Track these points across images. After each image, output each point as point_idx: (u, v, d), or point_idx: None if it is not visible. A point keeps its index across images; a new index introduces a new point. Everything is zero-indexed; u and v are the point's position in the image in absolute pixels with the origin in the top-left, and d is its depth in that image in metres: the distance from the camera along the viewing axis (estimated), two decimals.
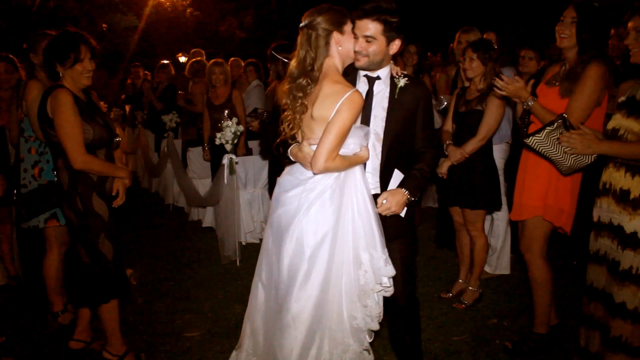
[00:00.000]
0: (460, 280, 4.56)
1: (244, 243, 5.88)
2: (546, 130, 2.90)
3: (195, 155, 6.89)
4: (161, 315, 4.31)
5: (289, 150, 2.72)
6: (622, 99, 2.89)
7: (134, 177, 4.14)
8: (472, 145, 4.08)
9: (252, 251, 5.81)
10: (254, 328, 2.85)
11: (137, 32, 16.06)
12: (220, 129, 5.34)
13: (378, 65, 2.81)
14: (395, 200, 2.73)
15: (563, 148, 2.85)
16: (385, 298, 2.80)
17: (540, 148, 2.96)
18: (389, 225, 2.77)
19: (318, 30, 2.59)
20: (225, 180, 5.38)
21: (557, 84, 3.35)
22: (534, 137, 2.94)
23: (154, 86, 8.86)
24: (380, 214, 2.71)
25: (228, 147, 5.33)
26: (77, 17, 13.75)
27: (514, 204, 3.62)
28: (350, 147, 2.63)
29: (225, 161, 5.35)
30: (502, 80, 3.17)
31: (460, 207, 4.31)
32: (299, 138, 2.71)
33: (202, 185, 6.75)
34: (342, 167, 2.60)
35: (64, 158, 3.25)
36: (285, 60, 4.66)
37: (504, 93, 3.22)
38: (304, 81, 2.62)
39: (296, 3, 18.88)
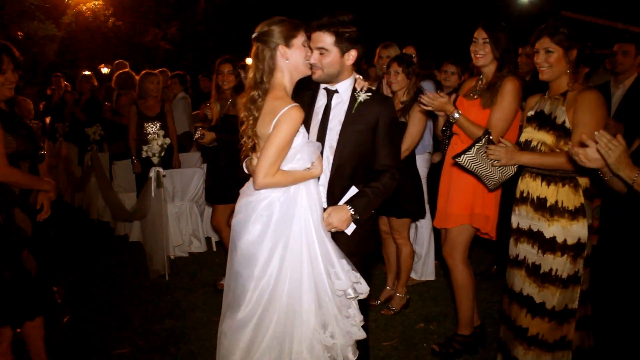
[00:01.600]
0: (387, 287, 4.70)
1: (172, 257, 5.81)
2: (476, 147, 3.06)
3: (121, 168, 6.74)
4: (89, 333, 4.19)
5: (244, 162, 2.77)
6: (530, 113, 3.14)
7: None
8: None
9: (180, 265, 5.76)
10: None
11: (56, 41, 15.46)
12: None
13: (335, 78, 2.78)
14: (338, 217, 2.67)
15: (490, 161, 3.03)
16: None
17: (472, 165, 3.10)
18: (340, 242, 2.73)
19: (265, 43, 2.61)
20: (153, 194, 5.30)
21: (475, 97, 3.56)
22: (466, 155, 3.07)
23: (76, 97, 8.59)
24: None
25: (155, 160, 5.26)
26: None
27: (437, 212, 3.79)
28: (300, 162, 2.63)
29: (152, 174, 5.28)
30: (427, 96, 3.34)
31: (386, 216, 4.45)
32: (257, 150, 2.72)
33: (128, 199, 6.61)
34: (286, 182, 2.60)
35: None
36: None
37: (429, 108, 3.38)
38: (256, 94, 2.63)
39: (221, 16, 18.83)
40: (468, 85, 3.77)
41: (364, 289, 2.67)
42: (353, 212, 2.70)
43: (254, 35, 2.65)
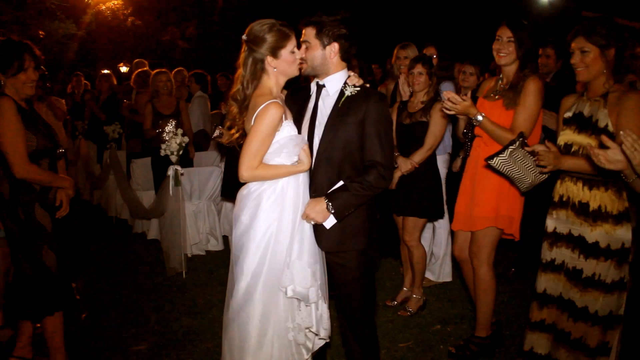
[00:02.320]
0: (404, 289, 4.67)
1: (189, 255, 5.83)
2: (509, 149, 2.97)
3: (139, 166, 6.78)
4: (106, 329, 4.23)
5: None
6: (568, 114, 3.03)
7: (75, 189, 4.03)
8: (420, 156, 4.22)
9: (198, 263, 5.78)
10: None
11: (76, 40, 15.64)
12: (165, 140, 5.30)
13: (322, 72, 2.82)
14: (314, 209, 2.70)
15: (524, 165, 2.97)
16: (340, 314, 2.94)
17: (504, 167, 3.02)
18: (323, 236, 2.78)
19: (252, 51, 2.70)
20: (171, 192, 5.34)
21: (497, 97, 3.51)
22: (499, 158, 2.99)
23: (95, 95, 8.67)
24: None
25: (173, 158, 5.29)
26: (8, 23, 13.28)
27: (459, 214, 3.73)
28: (287, 157, 2.71)
29: (170, 172, 5.31)
30: (449, 101, 3.30)
31: (405, 216, 4.42)
32: None
33: (146, 197, 6.66)
34: (270, 176, 2.69)
35: (5, 167, 3.19)
36: None
37: (452, 112, 3.34)
38: (239, 96, 2.75)
39: (239, 15, 18.90)
40: (487, 86, 3.72)
41: (312, 298, 2.68)
42: (328, 205, 2.70)
43: (244, 38, 2.73)
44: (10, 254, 3.75)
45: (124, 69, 15.09)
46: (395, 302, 4.61)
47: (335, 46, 2.77)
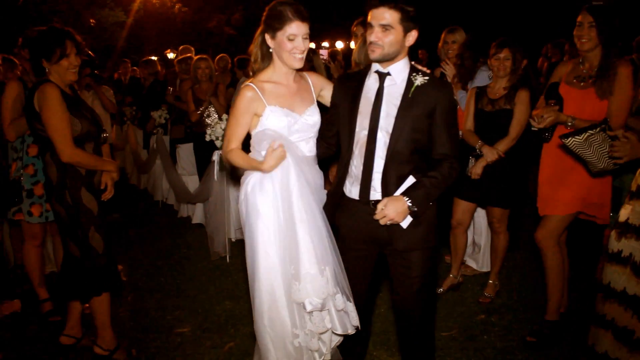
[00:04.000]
0: (451, 276, 4.59)
1: (233, 239, 5.87)
2: (587, 133, 2.88)
3: (185, 151, 6.87)
4: (151, 311, 4.32)
5: None
6: None
7: (122, 174, 4.07)
8: (505, 145, 4.07)
9: (241, 248, 5.73)
10: None
11: (125, 27, 15.97)
12: (207, 125, 5.34)
13: (392, 58, 2.62)
14: (394, 209, 2.55)
15: (601, 150, 2.87)
16: (398, 310, 2.85)
17: (577, 149, 2.95)
18: (397, 237, 2.68)
19: (261, 28, 2.74)
20: (215, 177, 5.38)
21: (582, 84, 3.43)
22: (574, 139, 2.91)
23: (141, 83, 8.80)
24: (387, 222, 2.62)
25: (218, 143, 5.32)
26: (63, 12, 13.65)
27: (542, 197, 3.69)
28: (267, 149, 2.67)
29: (215, 157, 5.35)
30: (536, 117, 3.31)
31: (492, 206, 4.30)
32: None
33: (192, 181, 6.74)
34: (235, 163, 2.77)
35: (52, 152, 3.27)
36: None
37: (544, 125, 3.33)
38: (251, 71, 2.81)
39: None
40: (564, 70, 3.60)
41: (339, 305, 2.64)
42: (410, 204, 2.57)
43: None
44: (61, 236, 3.89)
45: (171, 56, 15.30)
46: (441, 290, 4.53)
47: (414, 33, 2.60)
